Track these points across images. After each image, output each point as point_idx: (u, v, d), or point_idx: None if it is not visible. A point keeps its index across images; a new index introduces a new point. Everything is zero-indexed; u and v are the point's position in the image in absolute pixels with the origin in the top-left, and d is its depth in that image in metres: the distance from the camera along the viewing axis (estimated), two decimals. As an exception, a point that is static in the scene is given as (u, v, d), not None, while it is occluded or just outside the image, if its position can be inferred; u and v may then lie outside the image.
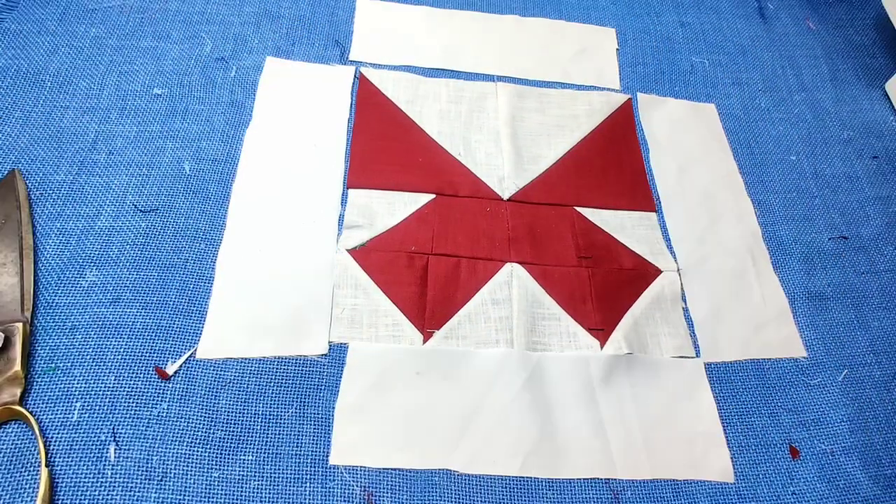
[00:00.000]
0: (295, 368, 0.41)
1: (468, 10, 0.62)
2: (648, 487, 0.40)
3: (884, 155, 0.59)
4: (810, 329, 0.48)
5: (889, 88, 0.63)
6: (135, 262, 0.43)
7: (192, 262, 0.43)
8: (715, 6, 0.68)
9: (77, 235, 0.43)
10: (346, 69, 0.55)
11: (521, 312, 0.44)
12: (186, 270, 0.43)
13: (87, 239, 0.43)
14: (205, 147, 0.49)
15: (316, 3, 0.59)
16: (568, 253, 0.48)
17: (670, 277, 0.48)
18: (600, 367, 0.43)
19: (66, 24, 0.53)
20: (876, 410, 0.45)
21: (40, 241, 0.42)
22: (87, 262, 0.42)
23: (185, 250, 0.44)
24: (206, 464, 0.37)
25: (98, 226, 0.44)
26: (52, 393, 0.37)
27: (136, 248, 0.43)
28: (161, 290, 0.42)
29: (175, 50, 0.53)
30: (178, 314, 0.41)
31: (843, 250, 0.53)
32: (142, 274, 0.42)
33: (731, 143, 0.57)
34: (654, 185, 0.53)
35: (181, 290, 0.42)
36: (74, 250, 0.42)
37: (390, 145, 0.51)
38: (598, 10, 0.65)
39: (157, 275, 0.42)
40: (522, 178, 0.51)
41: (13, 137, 0.46)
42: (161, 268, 0.43)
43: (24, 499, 0.34)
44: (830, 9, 0.70)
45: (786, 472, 0.42)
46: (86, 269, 0.42)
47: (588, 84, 0.59)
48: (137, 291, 0.42)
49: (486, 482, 0.39)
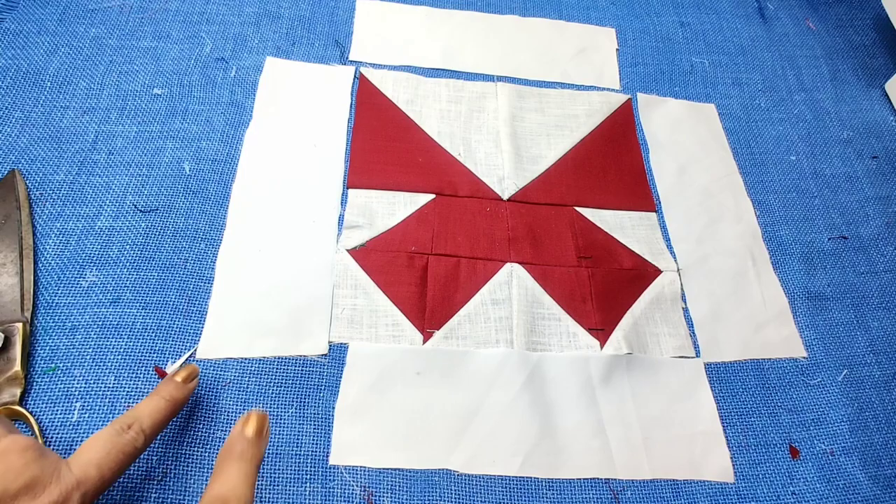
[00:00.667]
0: (295, 368, 0.41)
1: (468, 10, 0.62)
2: (648, 487, 0.40)
3: (884, 155, 0.59)
4: (810, 329, 0.48)
5: (889, 88, 0.63)
6: (135, 263, 0.43)
7: (192, 262, 0.43)
8: (715, 6, 0.68)
9: (77, 235, 0.43)
10: (346, 69, 0.55)
11: (521, 312, 0.44)
12: (186, 270, 0.43)
13: (87, 239, 0.43)
14: (204, 147, 0.49)
15: (316, 3, 0.59)
16: (568, 253, 0.48)
17: (670, 277, 0.48)
18: (600, 367, 0.43)
19: (66, 24, 0.53)
20: (876, 410, 0.45)
21: (40, 241, 0.42)
22: (87, 262, 0.42)
23: (185, 250, 0.44)
24: (206, 464, 0.37)
25: (98, 226, 0.44)
26: (52, 393, 0.37)
27: (136, 248, 0.43)
28: (161, 290, 0.42)
29: (175, 50, 0.53)
30: (178, 314, 0.41)
31: (842, 250, 0.53)
32: (142, 274, 0.42)
33: (731, 143, 0.57)
34: (653, 185, 0.53)
35: (181, 290, 0.42)
36: (74, 250, 0.42)
37: (390, 145, 0.51)
38: (598, 10, 0.65)
39: (157, 275, 0.42)
40: (522, 178, 0.51)
41: (13, 137, 0.46)
42: (161, 268, 0.43)
43: (24, 499, 0.34)
44: (830, 9, 0.70)
45: (786, 472, 0.42)
46: (86, 269, 0.42)
47: (588, 84, 0.59)
48: (137, 291, 0.42)
49: (485, 482, 0.39)
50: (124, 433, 0.31)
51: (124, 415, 0.32)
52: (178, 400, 0.34)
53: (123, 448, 0.30)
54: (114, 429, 0.31)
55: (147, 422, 0.32)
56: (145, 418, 0.32)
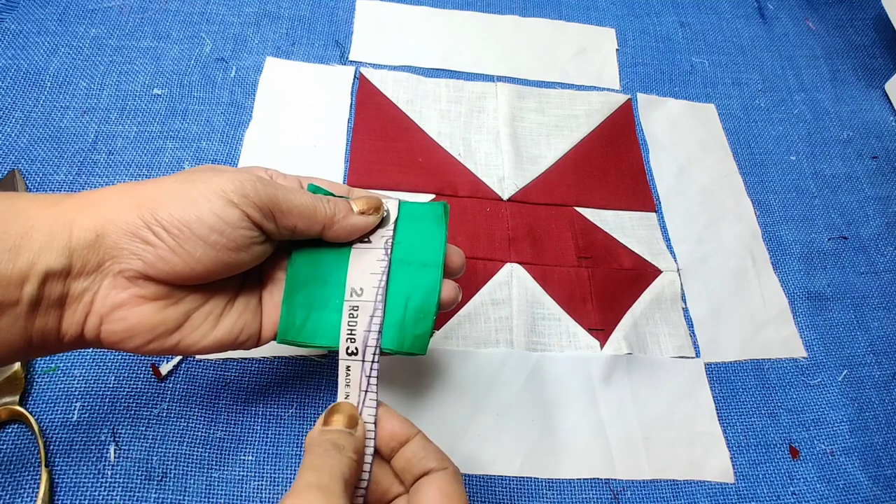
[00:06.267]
0: (295, 368, 0.41)
1: (468, 10, 0.62)
2: (648, 487, 0.40)
3: (884, 155, 0.59)
4: (810, 329, 0.48)
5: (889, 88, 0.63)
6: (135, 263, 0.43)
7: (192, 263, 0.43)
8: (715, 6, 0.68)
9: (77, 235, 0.43)
10: (346, 69, 0.55)
11: (521, 312, 0.44)
12: (186, 270, 0.43)
13: (87, 239, 0.43)
14: (205, 147, 0.49)
15: (316, 3, 0.59)
16: (568, 253, 0.48)
17: (670, 277, 0.48)
18: (600, 368, 0.43)
19: (66, 25, 0.53)
20: (876, 410, 0.45)
21: (40, 241, 0.42)
22: (87, 263, 0.42)
23: (185, 250, 0.44)
24: (206, 464, 0.37)
25: (98, 226, 0.44)
26: (52, 393, 0.37)
27: (136, 248, 0.43)
28: (161, 290, 0.42)
29: (175, 50, 0.53)
30: (178, 314, 0.41)
31: (842, 250, 0.53)
32: (142, 274, 0.42)
33: (731, 143, 0.57)
34: (653, 185, 0.53)
35: (181, 290, 0.42)
36: (74, 250, 0.42)
37: (390, 145, 0.51)
38: (597, 11, 0.65)
39: (157, 275, 0.42)
40: (522, 179, 0.51)
41: (13, 137, 0.46)
42: (161, 268, 0.43)
43: (24, 499, 0.34)
44: (830, 9, 0.70)
45: (786, 472, 0.42)
46: (86, 270, 0.42)
47: (588, 84, 0.59)
48: (137, 291, 0.42)
49: (485, 482, 0.39)
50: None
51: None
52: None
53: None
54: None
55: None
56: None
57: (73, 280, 0.25)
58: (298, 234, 0.30)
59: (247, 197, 0.27)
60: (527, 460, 0.40)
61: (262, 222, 0.28)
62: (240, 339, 0.29)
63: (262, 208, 0.27)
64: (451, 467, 0.28)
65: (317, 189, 0.32)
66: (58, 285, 0.24)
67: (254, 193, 0.27)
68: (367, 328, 0.29)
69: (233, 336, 0.29)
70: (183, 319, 0.28)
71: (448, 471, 0.28)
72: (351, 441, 0.27)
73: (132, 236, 0.25)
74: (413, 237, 0.32)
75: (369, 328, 0.29)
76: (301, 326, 0.30)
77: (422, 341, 0.30)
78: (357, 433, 0.28)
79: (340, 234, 0.30)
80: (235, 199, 0.26)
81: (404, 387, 0.41)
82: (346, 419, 0.28)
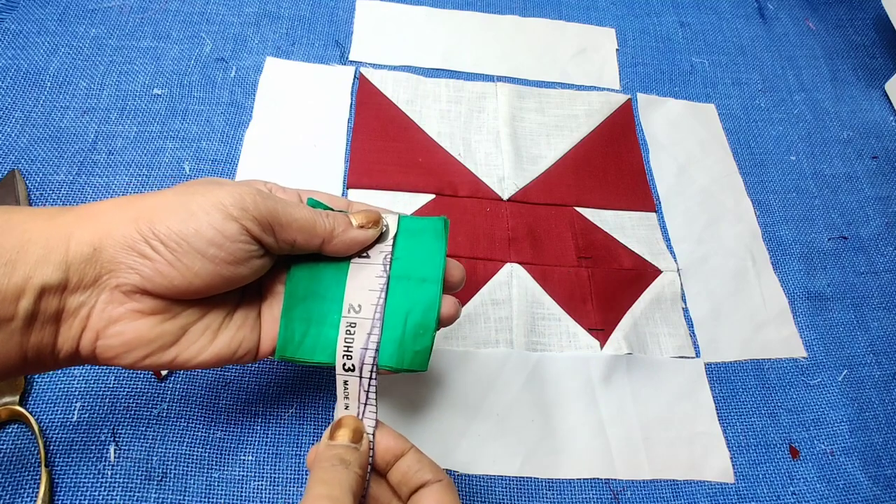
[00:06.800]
0: (295, 369, 0.41)
1: (468, 10, 0.62)
2: (648, 487, 0.40)
3: (884, 155, 0.59)
4: (810, 329, 0.48)
5: (889, 88, 0.63)
6: (135, 263, 0.43)
7: (192, 263, 0.43)
8: (715, 6, 0.68)
9: (77, 235, 0.43)
10: (346, 69, 0.55)
11: (521, 313, 0.44)
12: (186, 270, 0.43)
13: (87, 239, 0.43)
14: (205, 147, 0.49)
15: (316, 3, 0.59)
16: (568, 253, 0.48)
17: (670, 277, 0.48)
18: (600, 368, 0.43)
19: (66, 25, 0.53)
20: (876, 410, 0.45)
21: (40, 241, 0.42)
22: (87, 263, 0.42)
23: (185, 250, 0.44)
24: (206, 464, 0.37)
25: (98, 226, 0.44)
26: (52, 393, 0.37)
27: (136, 248, 0.43)
28: (161, 290, 0.42)
29: (175, 50, 0.53)
30: (178, 314, 0.41)
31: (842, 250, 0.53)
32: (142, 274, 0.42)
33: (731, 143, 0.57)
34: (653, 185, 0.53)
35: (181, 290, 0.42)
36: (74, 250, 0.42)
37: (390, 145, 0.51)
38: (597, 11, 0.65)
39: (157, 275, 0.42)
40: (522, 179, 0.51)
41: (13, 137, 0.46)
42: (161, 268, 0.43)
43: (24, 499, 0.34)
44: (830, 9, 0.70)
45: (786, 472, 0.42)
46: (86, 270, 0.42)
47: (588, 84, 0.59)
48: (137, 291, 0.42)
49: (485, 482, 0.39)
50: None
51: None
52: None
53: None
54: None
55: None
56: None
57: (70, 295, 0.25)
58: (298, 249, 0.29)
59: (246, 210, 0.26)
60: (527, 460, 0.40)
61: (262, 236, 0.27)
62: (238, 354, 0.29)
63: (262, 222, 0.27)
64: (446, 479, 0.28)
65: (316, 203, 0.32)
66: (54, 300, 0.24)
67: (253, 207, 0.27)
68: (365, 345, 0.29)
69: (231, 350, 0.29)
70: (180, 334, 0.27)
71: (444, 482, 0.28)
72: (356, 456, 0.27)
73: (130, 250, 0.25)
74: (412, 252, 0.31)
75: (366, 345, 0.29)
76: (300, 342, 0.30)
77: (422, 357, 0.29)
78: (362, 448, 0.28)
79: (340, 248, 0.30)
80: (234, 212, 0.26)
81: (404, 387, 0.41)
82: (351, 433, 0.28)
